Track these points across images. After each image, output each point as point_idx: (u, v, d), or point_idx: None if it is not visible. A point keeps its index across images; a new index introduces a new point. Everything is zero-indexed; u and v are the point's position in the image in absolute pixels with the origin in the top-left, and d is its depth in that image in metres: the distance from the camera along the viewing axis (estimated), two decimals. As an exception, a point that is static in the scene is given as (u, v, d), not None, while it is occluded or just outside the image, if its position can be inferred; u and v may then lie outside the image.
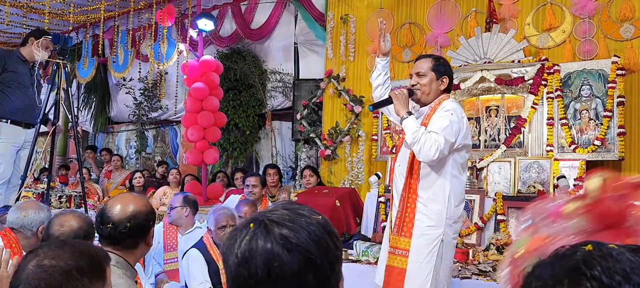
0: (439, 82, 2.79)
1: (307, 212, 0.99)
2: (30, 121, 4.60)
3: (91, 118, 10.12)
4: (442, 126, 2.58)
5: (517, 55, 4.65)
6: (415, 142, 2.58)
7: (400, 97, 2.74)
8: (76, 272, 1.28)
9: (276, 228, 0.94)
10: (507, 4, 5.06)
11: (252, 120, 7.46)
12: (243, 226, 0.98)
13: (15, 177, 4.59)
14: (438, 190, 2.66)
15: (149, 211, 2.05)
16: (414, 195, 2.70)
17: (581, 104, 4.39)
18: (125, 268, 1.97)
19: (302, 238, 0.93)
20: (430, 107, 2.79)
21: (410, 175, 2.72)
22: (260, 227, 0.95)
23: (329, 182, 6.01)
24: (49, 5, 6.82)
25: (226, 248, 0.97)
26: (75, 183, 7.00)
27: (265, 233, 0.93)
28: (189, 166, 7.48)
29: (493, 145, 4.77)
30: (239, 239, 0.95)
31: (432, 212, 2.65)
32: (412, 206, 2.69)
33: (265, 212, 0.99)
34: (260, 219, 0.96)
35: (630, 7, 4.50)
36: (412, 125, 2.64)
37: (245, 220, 1.00)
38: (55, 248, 1.34)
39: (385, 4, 5.92)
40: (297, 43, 7.17)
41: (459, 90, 4.86)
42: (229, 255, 0.96)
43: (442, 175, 2.67)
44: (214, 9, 7.68)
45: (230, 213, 3.57)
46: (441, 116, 2.65)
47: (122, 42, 8.40)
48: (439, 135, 2.55)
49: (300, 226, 0.95)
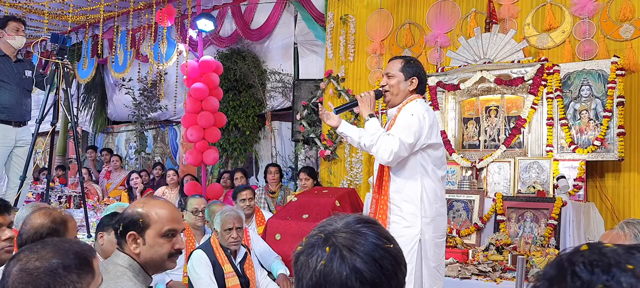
0: (408, 83, 2.79)
1: (381, 241, 1.02)
2: (18, 119, 4.52)
3: (91, 118, 10.12)
4: (399, 128, 2.63)
5: (517, 55, 4.65)
6: (372, 145, 2.65)
7: (366, 99, 2.79)
8: (62, 270, 1.26)
9: (351, 257, 0.98)
10: (506, 4, 5.06)
11: (251, 120, 7.46)
12: (319, 246, 1.02)
13: (15, 176, 4.55)
14: (409, 190, 2.68)
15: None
16: (385, 197, 2.73)
17: (581, 104, 4.39)
18: (137, 273, 1.88)
19: (375, 274, 0.98)
20: (397, 108, 2.81)
21: (380, 178, 2.77)
22: (335, 254, 0.99)
23: (329, 183, 6.01)
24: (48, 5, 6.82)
25: (301, 264, 1.03)
26: (75, 183, 6.99)
27: (340, 262, 0.98)
28: (189, 166, 7.48)
29: (493, 146, 4.77)
30: (314, 258, 1.01)
31: (406, 213, 2.67)
32: (384, 208, 2.72)
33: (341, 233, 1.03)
34: (336, 245, 1.00)
35: (630, 8, 4.50)
36: (371, 127, 2.70)
37: (320, 238, 1.04)
38: (37, 250, 1.32)
39: (384, 4, 5.92)
40: (296, 43, 7.17)
41: (458, 90, 4.86)
42: (304, 271, 1.02)
43: (412, 176, 2.68)
44: (214, 9, 7.68)
45: (237, 215, 3.57)
46: (401, 118, 2.69)
47: (122, 43, 8.39)
48: (394, 138, 2.59)
49: (374, 259, 0.99)
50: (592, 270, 0.78)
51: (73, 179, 7.59)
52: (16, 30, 4.50)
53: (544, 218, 4.06)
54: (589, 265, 0.79)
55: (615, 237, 2.16)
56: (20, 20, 4.65)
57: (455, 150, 4.84)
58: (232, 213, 3.55)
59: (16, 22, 4.56)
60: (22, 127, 4.55)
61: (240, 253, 3.66)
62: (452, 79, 4.88)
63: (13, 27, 4.50)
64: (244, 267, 3.58)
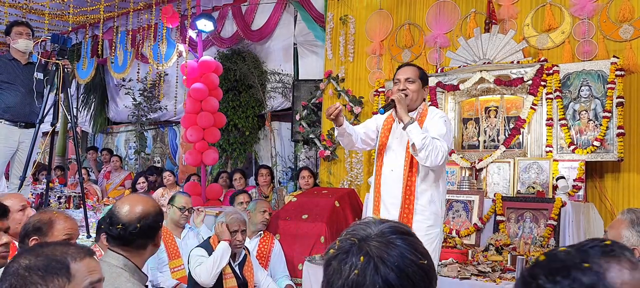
0: (424, 91, 2.97)
1: (416, 257, 1.02)
2: (24, 119, 4.56)
3: (90, 118, 10.12)
4: (442, 132, 2.75)
5: (516, 55, 4.65)
6: (423, 148, 2.67)
7: (403, 103, 2.82)
8: (23, 271, 1.28)
9: (385, 270, 0.98)
10: (506, 5, 5.06)
11: (251, 120, 7.46)
12: (353, 253, 1.01)
13: (14, 177, 4.57)
14: (434, 192, 2.84)
15: (157, 212, 2.04)
16: (412, 197, 2.81)
17: (580, 105, 4.39)
18: (132, 272, 1.94)
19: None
20: (417, 112, 2.89)
21: (409, 179, 2.83)
22: (369, 265, 0.98)
23: (329, 183, 6.01)
24: (49, 5, 6.82)
25: (333, 269, 1.02)
26: (74, 184, 6.99)
27: (374, 273, 0.98)
28: (188, 167, 7.48)
29: (492, 146, 4.77)
30: (348, 266, 1.00)
31: (431, 213, 2.82)
32: (410, 207, 2.80)
33: (374, 242, 1.02)
34: (371, 255, 1.00)
35: (629, 8, 4.50)
36: (417, 131, 2.72)
37: (354, 245, 1.02)
38: (21, 252, 1.37)
39: (384, 4, 5.92)
40: (296, 44, 7.17)
41: (458, 91, 4.87)
42: (335, 278, 1.01)
43: (436, 179, 2.85)
44: (214, 10, 7.68)
45: (242, 218, 3.61)
46: (437, 122, 2.79)
47: (122, 43, 8.40)
48: (442, 142, 2.71)
49: (407, 275, 0.99)
50: (554, 279, 0.81)
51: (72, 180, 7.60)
52: (19, 34, 4.57)
53: (543, 219, 4.07)
54: (550, 275, 0.82)
55: (616, 222, 2.35)
56: (24, 23, 4.71)
57: (455, 150, 4.83)
58: (237, 216, 3.58)
59: (18, 26, 4.63)
60: (28, 129, 4.58)
61: (240, 254, 3.66)
62: (452, 79, 4.88)
63: (16, 32, 4.58)
64: (243, 268, 3.58)
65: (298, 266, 4.17)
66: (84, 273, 1.35)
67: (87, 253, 1.41)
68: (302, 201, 4.79)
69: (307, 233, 4.30)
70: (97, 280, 1.38)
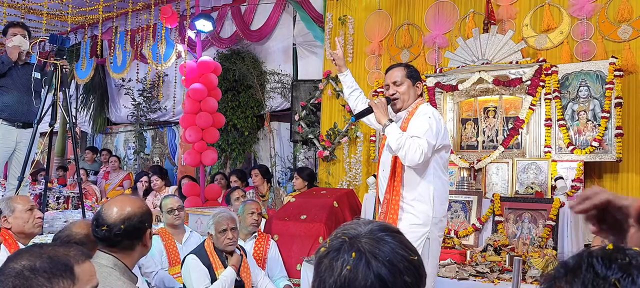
0: (415, 88, 2.94)
1: (406, 253, 1.03)
2: (22, 119, 4.57)
3: (90, 119, 10.11)
4: (423, 130, 2.69)
5: (515, 56, 4.65)
6: (400, 148, 2.68)
7: (380, 106, 2.84)
8: (29, 272, 1.26)
9: (376, 265, 0.99)
10: (505, 5, 5.06)
11: (250, 121, 7.46)
12: (345, 250, 1.02)
13: (13, 178, 4.56)
14: (423, 190, 2.78)
15: (143, 213, 2.04)
16: (397, 196, 2.80)
17: (579, 105, 4.39)
18: (122, 272, 1.96)
19: (398, 284, 1.00)
20: (407, 111, 2.91)
21: (393, 178, 2.83)
22: (361, 261, 1.00)
23: (327, 183, 6.01)
24: (47, 5, 6.81)
25: (324, 266, 1.03)
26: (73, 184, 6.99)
27: (366, 268, 0.99)
28: (187, 167, 7.47)
29: (491, 146, 4.77)
30: (340, 262, 1.01)
31: (419, 211, 2.76)
32: (396, 207, 2.79)
33: (365, 239, 1.03)
34: (363, 251, 1.01)
35: (628, 9, 4.50)
36: (394, 131, 2.73)
37: (345, 242, 1.03)
38: (19, 253, 1.35)
39: (383, 5, 5.92)
40: (295, 44, 7.17)
41: (456, 91, 4.86)
42: (327, 274, 1.02)
43: (426, 176, 2.78)
44: (214, 10, 7.68)
45: (230, 216, 3.55)
46: (420, 120, 2.77)
47: (121, 43, 8.39)
48: (421, 139, 2.66)
49: (399, 270, 1.00)
50: (609, 266, 0.79)
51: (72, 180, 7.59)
52: (13, 35, 4.59)
53: (542, 219, 4.06)
54: (608, 261, 0.80)
55: None
56: (20, 25, 4.72)
57: (454, 151, 4.83)
58: (224, 214, 3.53)
59: (14, 27, 4.65)
60: (26, 129, 4.58)
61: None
62: (451, 79, 4.88)
63: (10, 33, 4.61)
64: (239, 270, 3.56)
65: (296, 266, 4.16)
66: (87, 277, 1.35)
67: (87, 257, 1.41)
68: (300, 201, 4.79)
69: (305, 234, 4.29)
70: (96, 285, 1.39)
